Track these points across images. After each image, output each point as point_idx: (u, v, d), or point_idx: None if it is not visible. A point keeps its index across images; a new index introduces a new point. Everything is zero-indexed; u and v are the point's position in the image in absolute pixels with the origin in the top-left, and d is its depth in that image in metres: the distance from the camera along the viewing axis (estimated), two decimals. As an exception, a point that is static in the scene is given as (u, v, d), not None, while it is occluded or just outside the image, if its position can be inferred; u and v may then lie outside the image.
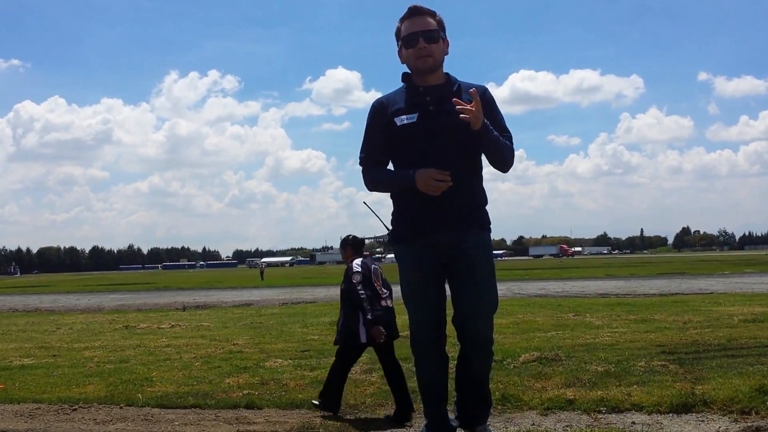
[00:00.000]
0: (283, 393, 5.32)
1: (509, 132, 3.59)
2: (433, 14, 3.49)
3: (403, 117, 3.43)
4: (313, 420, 4.51)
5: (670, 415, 4.29)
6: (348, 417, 4.56)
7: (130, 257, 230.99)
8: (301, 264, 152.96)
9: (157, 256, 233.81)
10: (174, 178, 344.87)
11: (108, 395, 5.50)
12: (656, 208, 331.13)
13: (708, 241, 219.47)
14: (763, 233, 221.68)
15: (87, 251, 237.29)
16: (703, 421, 4.14)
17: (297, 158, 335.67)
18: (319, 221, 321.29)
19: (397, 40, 3.55)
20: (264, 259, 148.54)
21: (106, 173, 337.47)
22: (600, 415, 4.34)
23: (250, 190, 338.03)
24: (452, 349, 3.67)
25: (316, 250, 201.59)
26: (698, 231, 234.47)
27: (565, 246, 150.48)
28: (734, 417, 4.15)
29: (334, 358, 5.05)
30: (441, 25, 3.50)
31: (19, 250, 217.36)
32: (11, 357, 8.01)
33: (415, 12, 3.47)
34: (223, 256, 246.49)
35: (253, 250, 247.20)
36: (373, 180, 3.59)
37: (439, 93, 3.45)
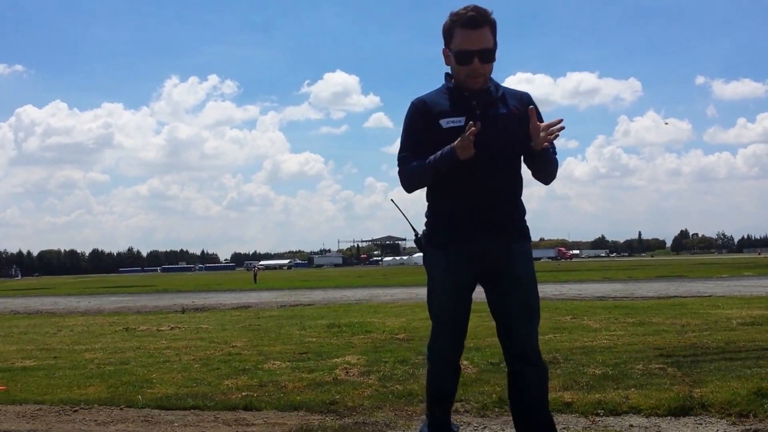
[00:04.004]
0: (282, 395, 5.33)
1: (553, 142, 3.36)
2: (489, 19, 3.18)
3: (450, 119, 3.25)
4: (312, 422, 4.53)
5: (668, 418, 4.31)
6: (346, 419, 4.58)
7: (129, 260, 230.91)
8: (299, 267, 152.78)
9: (156, 258, 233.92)
10: (173, 181, 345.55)
11: (108, 396, 5.51)
12: (654, 210, 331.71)
13: (706, 244, 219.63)
14: (762, 236, 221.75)
15: (87, 254, 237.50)
16: (701, 424, 4.16)
17: (295, 161, 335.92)
18: (317, 224, 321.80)
19: (445, 39, 3.28)
20: (262, 262, 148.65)
21: (106, 176, 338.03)
22: (598, 418, 4.36)
23: (248, 193, 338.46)
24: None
25: (314, 253, 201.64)
26: (696, 234, 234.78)
27: (562, 249, 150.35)
28: (732, 420, 4.18)
29: (332, 360, 5.07)
30: (495, 31, 3.22)
31: (20, 252, 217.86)
32: (13, 359, 8.02)
33: (473, 23, 3.15)
34: (222, 258, 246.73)
35: (251, 252, 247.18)
36: (412, 171, 3.31)
37: (485, 98, 3.28)
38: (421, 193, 3.49)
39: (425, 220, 3.48)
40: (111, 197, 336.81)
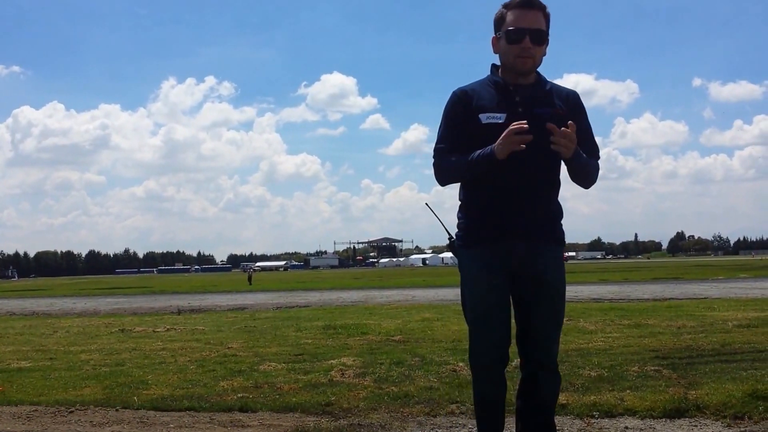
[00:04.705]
0: (277, 396, 5.34)
1: (597, 145, 3.36)
2: (544, 8, 3.15)
3: (490, 115, 3.13)
4: (307, 423, 4.53)
5: (663, 419, 4.32)
6: (341, 420, 4.58)
7: (126, 261, 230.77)
8: (295, 268, 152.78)
9: (152, 260, 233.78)
10: (170, 182, 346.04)
11: (104, 398, 5.51)
12: (651, 212, 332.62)
13: (702, 246, 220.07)
14: (758, 238, 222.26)
15: (84, 255, 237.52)
16: (696, 425, 4.17)
17: (291, 163, 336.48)
18: (313, 226, 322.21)
19: (495, 28, 3.21)
20: (258, 264, 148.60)
21: (103, 178, 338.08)
22: (593, 420, 4.38)
23: (244, 194, 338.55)
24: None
25: (310, 255, 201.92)
26: (693, 236, 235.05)
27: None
28: (727, 422, 4.19)
29: (328, 362, 5.06)
30: (548, 21, 3.17)
31: (16, 254, 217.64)
32: (9, 360, 8.00)
33: (527, 4, 3.11)
34: (218, 260, 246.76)
35: (247, 254, 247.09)
36: (448, 167, 3.23)
37: (529, 93, 3.17)
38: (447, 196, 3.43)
39: (457, 221, 3.40)
40: (107, 198, 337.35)
